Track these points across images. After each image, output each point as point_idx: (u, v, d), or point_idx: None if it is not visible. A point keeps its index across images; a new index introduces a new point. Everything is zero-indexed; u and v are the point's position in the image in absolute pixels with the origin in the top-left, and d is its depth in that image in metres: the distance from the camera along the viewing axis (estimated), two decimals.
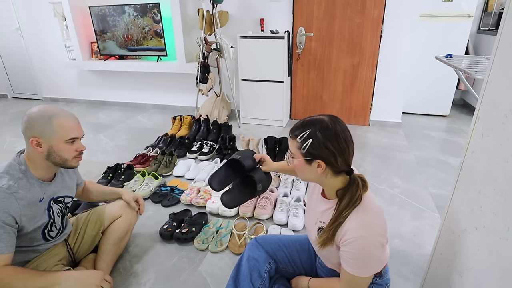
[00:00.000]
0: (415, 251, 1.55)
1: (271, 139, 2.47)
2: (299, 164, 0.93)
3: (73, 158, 1.14)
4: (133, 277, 1.42)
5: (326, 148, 0.87)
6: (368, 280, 0.92)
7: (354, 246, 0.86)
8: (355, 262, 0.88)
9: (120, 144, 2.97)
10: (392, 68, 3.07)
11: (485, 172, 0.82)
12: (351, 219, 0.88)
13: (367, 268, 0.89)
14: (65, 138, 1.09)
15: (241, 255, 1.19)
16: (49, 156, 1.09)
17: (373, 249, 0.87)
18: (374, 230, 0.87)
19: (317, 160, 0.89)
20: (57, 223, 1.23)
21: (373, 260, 0.89)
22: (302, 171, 0.94)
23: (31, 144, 1.07)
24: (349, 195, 0.90)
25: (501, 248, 0.73)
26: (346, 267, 0.90)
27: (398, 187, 2.13)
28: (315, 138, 0.87)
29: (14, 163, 1.09)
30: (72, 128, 1.11)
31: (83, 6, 3.74)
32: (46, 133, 1.06)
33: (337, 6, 2.98)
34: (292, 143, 0.93)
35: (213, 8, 3.01)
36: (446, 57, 1.86)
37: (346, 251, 0.88)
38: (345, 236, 0.87)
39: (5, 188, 1.01)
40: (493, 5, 3.39)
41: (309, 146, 0.88)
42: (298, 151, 0.91)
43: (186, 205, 1.96)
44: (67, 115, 1.11)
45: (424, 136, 3.06)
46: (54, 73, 4.38)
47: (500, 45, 0.80)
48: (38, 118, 1.06)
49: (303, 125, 0.91)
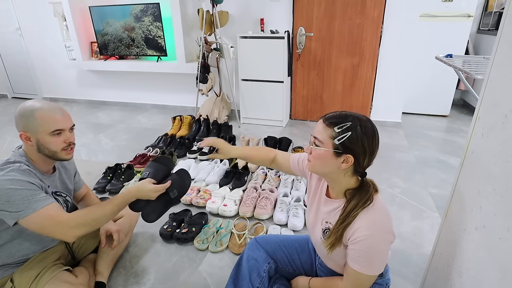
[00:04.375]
0: (415, 251, 1.55)
1: (271, 139, 2.47)
2: (324, 154, 0.87)
3: (62, 150, 1.12)
4: (133, 277, 1.42)
5: (362, 145, 0.85)
6: (373, 278, 0.92)
7: (364, 244, 0.86)
8: (363, 260, 0.88)
9: (120, 144, 2.97)
10: (392, 68, 3.07)
11: (485, 172, 0.82)
12: (361, 218, 0.87)
13: (375, 265, 0.89)
14: (49, 131, 1.08)
15: (240, 255, 1.19)
16: (39, 149, 1.10)
17: (382, 246, 0.87)
18: (384, 228, 0.87)
19: (347, 155, 0.85)
20: None
21: (381, 258, 0.90)
22: (322, 161, 0.89)
23: (21, 138, 1.09)
24: (359, 196, 0.89)
25: (501, 248, 0.73)
26: (353, 265, 0.89)
27: (398, 187, 2.12)
28: (355, 132, 0.84)
29: (17, 154, 1.11)
30: (55, 120, 1.09)
31: (83, 6, 3.74)
32: (31, 127, 1.07)
33: (337, 6, 2.98)
34: (325, 130, 0.87)
35: (213, 8, 3.01)
36: (446, 57, 1.86)
37: (354, 249, 0.88)
38: (355, 234, 0.87)
39: (18, 166, 1.04)
40: (493, 5, 3.39)
41: (346, 139, 0.84)
42: (330, 141, 0.86)
43: (186, 205, 1.96)
44: (50, 107, 1.10)
45: (424, 136, 3.06)
46: (54, 73, 4.38)
47: (500, 45, 0.80)
48: (22, 112, 1.07)
49: (342, 116, 0.87)
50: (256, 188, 1.97)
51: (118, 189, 2.08)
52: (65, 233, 1.04)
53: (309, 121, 3.53)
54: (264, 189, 1.97)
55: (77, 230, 1.05)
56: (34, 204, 1.00)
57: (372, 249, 0.86)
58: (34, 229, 1.02)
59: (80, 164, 1.24)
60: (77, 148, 2.87)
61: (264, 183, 2.13)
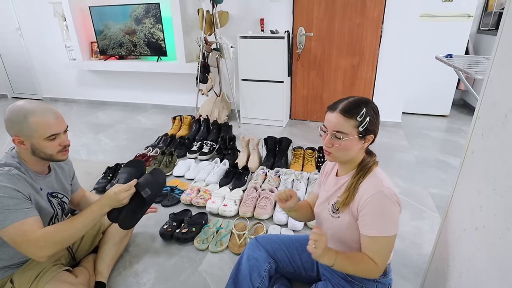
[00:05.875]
0: (415, 251, 1.55)
1: (271, 139, 2.47)
2: (350, 143, 0.95)
3: (58, 153, 1.11)
4: (133, 277, 1.42)
5: (377, 123, 0.98)
6: (392, 240, 0.94)
7: (372, 203, 0.91)
8: (377, 220, 0.92)
9: (120, 144, 2.97)
10: (392, 68, 3.07)
11: (485, 172, 0.82)
12: (363, 185, 0.96)
13: (389, 224, 0.92)
14: (44, 136, 1.05)
15: (241, 255, 1.19)
16: (34, 152, 1.08)
17: (389, 201, 0.92)
18: (385, 185, 0.93)
19: (369, 136, 0.97)
20: (59, 216, 1.24)
21: (392, 215, 0.93)
22: (348, 150, 0.96)
23: (14, 142, 1.07)
24: (364, 164, 1.00)
25: (501, 248, 0.72)
26: (370, 231, 0.93)
27: (398, 187, 2.12)
28: (371, 115, 0.95)
29: (9, 156, 1.10)
30: (50, 125, 1.06)
31: (83, 6, 3.74)
32: (25, 132, 1.04)
33: (337, 6, 2.98)
34: (347, 122, 0.94)
35: (213, 8, 3.01)
36: (446, 57, 1.86)
37: (366, 213, 0.93)
38: (362, 199, 0.94)
39: (7, 170, 1.02)
40: (493, 5, 3.39)
41: (367, 123, 0.94)
42: (355, 130, 0.94)
43: (186, 205, 1.96)
44: (43, 111, 1.06)
45: (424, 136, 3.06)
46: (54, 73, 4.38)
47: (500, 45, 0.80)
48: (14, 117, 1.04)
49: (355, 105, 0.94)
50: (256, 188, 1.97)
51: None
52: (35, 253, 1.00)
53: (309, 121, 3.52)
54: (264, 189, 1.97)
55: (48, 250, 1.01)
56: (13, 215, 0.97)
57: (381, 206, 0.91)
58: (8, 242, 0.99)
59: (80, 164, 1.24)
60: (77, 148, 2.87)
61: (264, 183, 2.13)
